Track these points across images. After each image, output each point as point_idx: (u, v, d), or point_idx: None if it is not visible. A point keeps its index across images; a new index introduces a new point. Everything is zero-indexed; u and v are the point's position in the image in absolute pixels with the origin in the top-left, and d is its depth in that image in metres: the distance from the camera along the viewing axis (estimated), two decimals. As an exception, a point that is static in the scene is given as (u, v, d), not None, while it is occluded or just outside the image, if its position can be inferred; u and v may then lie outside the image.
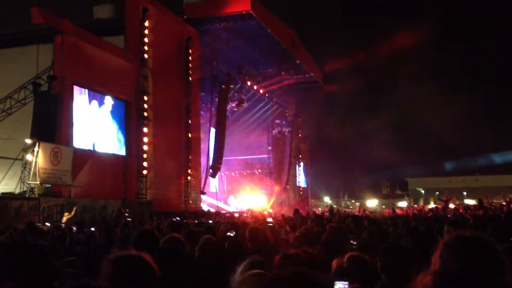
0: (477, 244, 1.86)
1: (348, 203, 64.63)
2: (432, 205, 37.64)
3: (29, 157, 18.21)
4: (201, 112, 31.60)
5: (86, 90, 20.73)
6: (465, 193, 54.71)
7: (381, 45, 53.71)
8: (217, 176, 32.02)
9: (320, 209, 42.14)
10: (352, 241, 5.26)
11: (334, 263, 3.52)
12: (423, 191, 64.36)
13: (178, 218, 17.19)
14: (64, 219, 15.16)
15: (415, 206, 40.03)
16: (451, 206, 28.91)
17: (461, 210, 22.50)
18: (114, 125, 22.49)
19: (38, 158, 16.87)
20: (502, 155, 54.26)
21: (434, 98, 56.47)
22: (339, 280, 3.21)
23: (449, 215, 17.10)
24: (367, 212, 29.42)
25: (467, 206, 27.07)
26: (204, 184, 29.29)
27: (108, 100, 22.03)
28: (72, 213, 15.35)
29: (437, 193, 58.42)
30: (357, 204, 54.79)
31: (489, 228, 5.15)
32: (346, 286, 3.07)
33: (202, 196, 29.43)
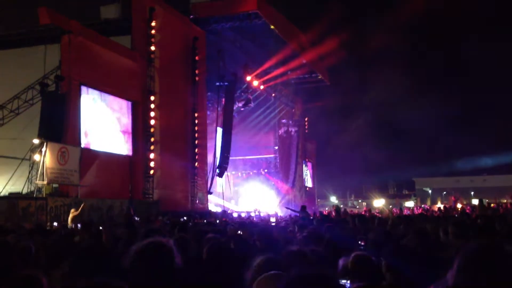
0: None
1: (355, 203, 64.53)
2: (439, 204, 37.51)
3: (36, 157, 18.30)
4: (208, 112, 31.61)
5: (93, 90, 20.80)
6: (472, 193, 54.46)
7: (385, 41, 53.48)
8: (223, 176, 32.01)
9: (327, 209, 42.10)
10: (360, 242, 5.23)
11: (340, 262, 3.51)
12: (430, 191, 64.13)
13: (185, 218, 17.19)
14: (70, 216, 15.16)
15: (422, 206, 39.86)
16: (459, 206, 28.78)
17: (468, 210, 22.38)
18: (121, 125, 22.55)
19: (45, 158, 16.93)
20: (509, 155, 53.92)
21: (439, 98, 56.25)
22: (342, 279, 3.22)
23: (456, 215, 17.01)
24: (373, 212, 29.34)
25: (474, 206, 26.92)
26: (211, 184, 29.29)
27: (116, 100, 22.10)
28: (79, 210, 15.35)
29: (444, 193, 58.23)
30: (364, 204, 54.68)
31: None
32: (348, 285, 3.08)
33: (209, 196, 29.44)
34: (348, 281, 3.05)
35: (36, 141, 18.40)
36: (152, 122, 23.18)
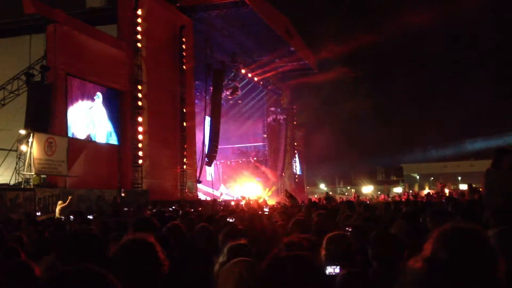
0: (467, 234, 1.92)
1: (344, 189, 64.93)
2: (427, 190, 37.85)
3: (23, 148, 18.16)
4: (196, 101, 31.53)
5: (81, 79, 20.65)
6: (459, 178, 55.03)
7: (376, 28, 53.57)
8: (212, 165, 32.06)
9: (316, 196, 42.34)
10: (347, 228, 5.28)
11: (322, 250, 3.53)
12: (418, 177, 64.70)
13: (175, 207, 17.22)
14: (58, 207, 15.14)
15: (410, 191, 40.22)
16: (446, 191, 29.09)
17: (454, 195, 22.63)
18: (109, 114, 22.44)
19: (32, 148, 16.83)
20: (498, 139, 54.44)
21: (430, 84, 56.55)
22: (330, 265, 3.24)
23: (443, 200, 17.19)
24: (361, 198, 29.57)
25: (462, 191, 27.23)
26: (200, 172, 29.33)
27: (102, 90, 21.97)
28: (67, 202, 15.34)
29: (432, 178, 58.77)
30: (353, 190, 55.02)
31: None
32: (337, 270, 3.11)
33: (198, 185, 29.48)
34: (338, 267, 3.08)
35: (22, 132, 18.24)
36: (140, 111, 23.07)
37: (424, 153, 60.64)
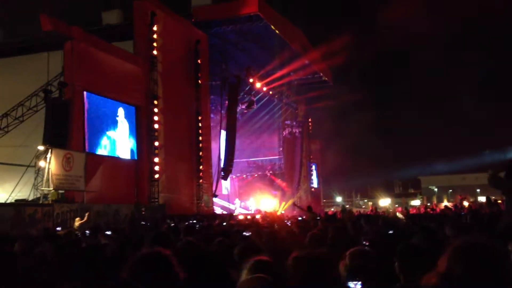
0: (482, 250, 1.89)
1: (361, 202, 64.40)
2: (445, 203, 37.38)
3: (41, 163, 18.34)
4: (211, 115, 31.65)
5: (98, 95, 20.85)
6: (478, 190, 54.26)
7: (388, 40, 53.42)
8: (228, 179, 32.04)
9: (333, 209, 42.05)
10: (364, 242, 5.20)
11: (341, 264, 3.47)
12: (436, 189, 63.95)
13: (194, 221, 17.18)
14: (76, 224, 15.21)
15: (428, 204, 39.75)
16: (465, 203, 28.68)
17: (473, 207, 22.32)
18: (126, 130, 22.61)
19: (50, 164, 16.98)
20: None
21: (450, 92, 56.14)
22: (352, 281, 3.18)
23: (463, 213, 16.96)
24: (379, 211, 29.28)
25: (481, 203, 26.84)
26: (216, 186, 29.32)
27: (119, 105, 22.16)
28: (85, 218, 15.41)
29: (450, 191, 58.06)
30: (370, 203, 54.53)
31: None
32: (359, 286, 3.05)
33: (214, 199, 29.46)
34: (359, 282, 3.03)
35: (41, 147, 18.45)
36: (156, 126, 23.20)
37: (442, 165, 59.94)
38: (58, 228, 15.07)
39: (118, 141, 22.15)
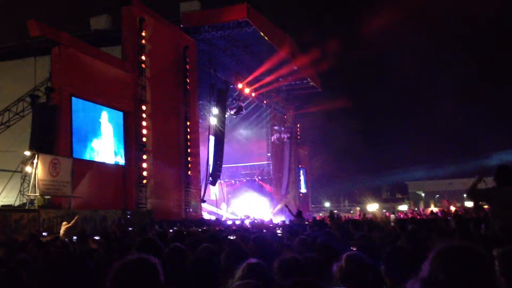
0: (465, 255, 1.88)
1: (349, 208, 64.58)
2: (432, 208, 37.60)
3: (28, 169, 18.22)
4: (200, 120, 31.63)
5: (86, 101, 20.75)
6: (465, 195, 54.62)
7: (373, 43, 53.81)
8: (217, 184, 31.99)
9: (321, 214, 42.12)
10: (352, 248, 5.23)
11: (335, 267, 3.50)
12: (423, 194, 64.29)
13: (182, 227, 17.12)
14: (63, 228, 15.10)
15: (416, 209, 39.96)
16: (452, 208, 28.88)
17: (460, 212, 22.47)
18: (110, 133, 22.51)
19: (37, 170, 16.86)
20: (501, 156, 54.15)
21: (436, 97, 56.59)
22: (339, 286, 3.21)
23: (449, 218, 17.08)
24: (367, 216, 29.36)
25: (468, 208, 27.01)
26: (204, 192, 29.28)
27: (107, 110, 22.08)
28: (72, 222, 15.30)
29: (437, 196, 58.42)
30: (358, 208, 54.68)
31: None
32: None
33: (202, 204, 29.40)
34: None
35: (27, 153, 18.34)
36: (144, 131, 23.14)
37: (428, 171, 60.29)
38: (44, 234, 14.98)
39: (104, 146, 22.03)
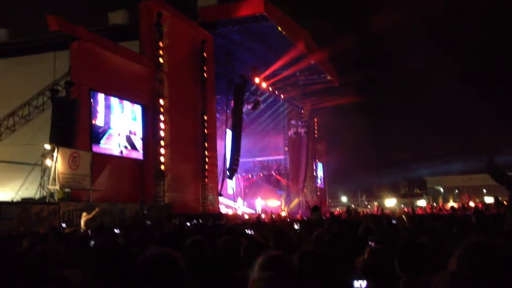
0: (491, 251, 1.95)
1: (366, 202, 64.30)
2: (451, 203, 37.26)
3: (48, 162, 18.45)
4: (217, 115, 31.70)
5: (104, 95, 20.91)
6: (484, 190, 53.99)
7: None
8: (234, 178, 32.09)
9: (338, 209, 42.01)
10: (370, 242, 5.20)
11: (358, 261, 3.51)
12: (442, 190, 63.71)
13: (200, 221, 17.25)
14: (83, 219, 15.30)
15: (434, 204, 39.63)
16: (472, 204, 28.59)
17: (480, 206, 22.25)
18: (131, 129, 22.67)
19: (57, 163, 17.08)
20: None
21: (455, 95, 55.87)
22: (357, 279, 3.20)
23: (468, 213, 16.91)
24: (385, 211, 29.21)
25: (488, 204, 26.72)
26: (221, 186, 29.37)
27: (126, 104, 22.24)
28: (93, 213, 15.51)
29: (456, 191, 57.87)
30: (375, 203, 54.43)
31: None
32: (364, 284, 3.07)
33: (220, 198, 29.52)
34: (364, 281, 3.05)
35: (47, 146, 18.56)
36: (162, 125, 23.27)
37: (448, 166, 59.66)
38: (64, 225, 15.19)
39: (122, 140, 22.17)
